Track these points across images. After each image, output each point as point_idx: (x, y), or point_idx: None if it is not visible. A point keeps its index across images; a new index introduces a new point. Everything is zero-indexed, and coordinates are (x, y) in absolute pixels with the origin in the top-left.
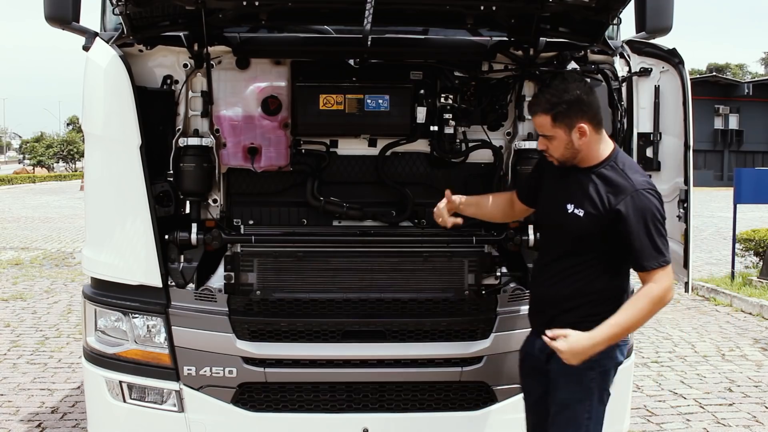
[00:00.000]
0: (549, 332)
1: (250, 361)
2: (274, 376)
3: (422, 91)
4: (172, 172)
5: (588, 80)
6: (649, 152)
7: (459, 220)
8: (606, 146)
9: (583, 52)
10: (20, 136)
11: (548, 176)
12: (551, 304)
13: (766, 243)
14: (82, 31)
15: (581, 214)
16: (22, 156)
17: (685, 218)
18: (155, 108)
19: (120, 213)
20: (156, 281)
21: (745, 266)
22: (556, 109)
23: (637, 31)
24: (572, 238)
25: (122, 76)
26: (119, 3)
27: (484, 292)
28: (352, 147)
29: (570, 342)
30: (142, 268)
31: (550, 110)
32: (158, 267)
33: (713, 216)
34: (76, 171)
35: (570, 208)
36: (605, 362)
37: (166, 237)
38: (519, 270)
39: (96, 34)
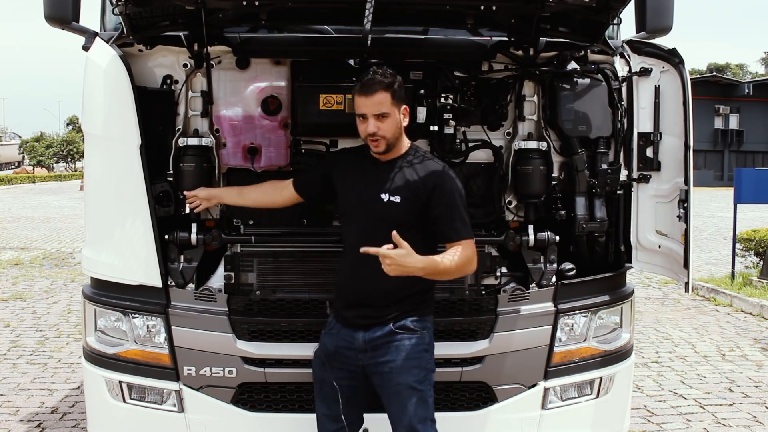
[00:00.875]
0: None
1: (250, 361)
2: (274, 376)
3: (422, 91)
4: (172, 172)
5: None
6: (649, 152)
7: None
8: (406, 139)
9: (583, 52)
10: (20, 136)
11: (346, 174)
12: (378, 297)
13: (766, 243)
14: (82, 31)
15: (398, 200)
16: (22, 156)
17: (686, 218)
18: (155, 108)
19: (120, 213)
20: (156, 281)
21: (746, 266)
22: (393, 87)
23: (637, 31)
24: (390, 227)
25: (122, 76)
26: (119, 3)
27: (484, 292)
28: None
29: (400, 254)
30: (141, 268)
31: (388, 88)
32: (158, 267)
33: (713, 216)
34: (75, 171)
35: (385, 197)
36: (431, 343)
37: (166, 237)
38: (519, 270)
39: (96, 34)
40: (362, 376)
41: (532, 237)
